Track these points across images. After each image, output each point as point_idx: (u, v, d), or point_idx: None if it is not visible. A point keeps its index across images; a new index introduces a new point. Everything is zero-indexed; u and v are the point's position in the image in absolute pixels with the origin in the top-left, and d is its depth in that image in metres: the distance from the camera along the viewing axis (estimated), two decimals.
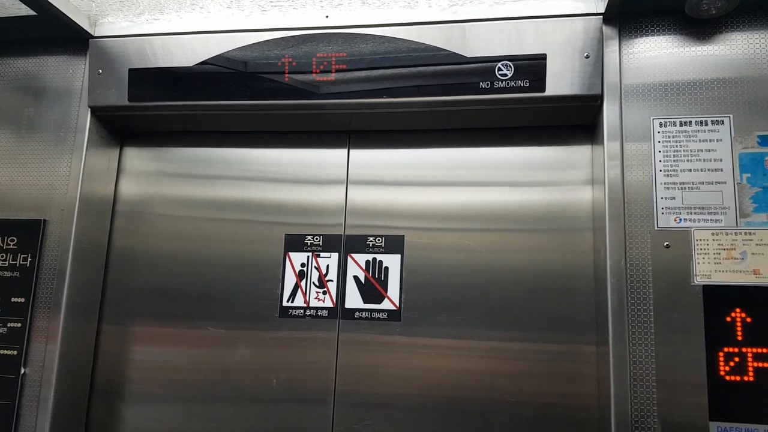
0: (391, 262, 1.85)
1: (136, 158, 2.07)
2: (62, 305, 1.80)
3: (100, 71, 1.90)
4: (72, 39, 1.94)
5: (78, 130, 1.91)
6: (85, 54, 1.94)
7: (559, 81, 1.64)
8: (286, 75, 1.78)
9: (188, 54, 1.84)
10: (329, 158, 1.96)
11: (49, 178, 1.91)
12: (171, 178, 2.03)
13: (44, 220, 1.87)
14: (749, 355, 1.46)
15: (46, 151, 1.93)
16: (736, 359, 1.46)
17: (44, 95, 1.96)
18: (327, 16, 1.80)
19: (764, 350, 1.45)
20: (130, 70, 1.87)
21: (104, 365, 1.93)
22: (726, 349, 1.47)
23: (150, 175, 2.04)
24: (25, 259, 1.85)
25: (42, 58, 1.99)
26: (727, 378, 1.46)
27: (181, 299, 1.93)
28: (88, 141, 1.90)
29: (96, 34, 1.92)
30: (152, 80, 1.86)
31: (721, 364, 1.46)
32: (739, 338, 1.47)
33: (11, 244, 1.87)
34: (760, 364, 1.45)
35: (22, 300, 1.83)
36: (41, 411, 1.75)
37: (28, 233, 1.86)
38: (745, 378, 1.45)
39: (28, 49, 2.00)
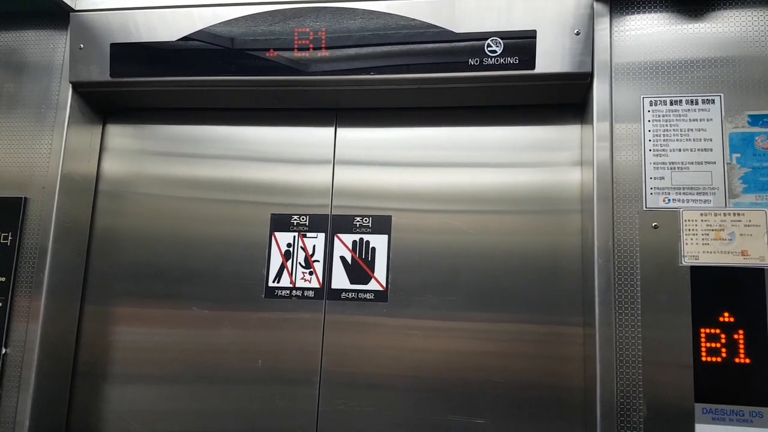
0: (379, 242, 1.83)
1: (119, 136, 2.03)
2: (44, 284, 1.78)
3: (82, 46, 1.86)
4: (52, 13, 1.89)
5: (59, 106, 1.88)
6: (66, 28, 1.89)
7: (549, 58, 1.61)
8: (271, 50, 1.74)
9: (171, 28, 1.80)
10: (316, 137, 1.93)
11: (30, 155, 1.87)
12: (155, 156, 2.00)
13: (25, 198, 1.84)
14: (736, 336, 1.45)
15: (26, 128, 1.89)
16: (723, 341, 1.45)
17: (24, 70, 1.92)
18: None
19: (751, 332, 1.44)
20: (112, 45, 1.83)
21: (87, 345, 1.91)
22: (713, 331, 1.46)
23: (133, 153, 2.01)
24: (5, 238, 1.82)
25: (22, 33, 1.95)
26: (714, 359, 1.45)
27: (165, 279, 1.91)
28: (69, 117, 1.87)
29: (77, 8, 1.87)
30: (135, 55, 1.82)
31: (708, 345, 1.46)
32: (727, 320, 1.46)
33: None
34: (747, 346, 1.44)
35: (3, 279, 1.80)
36: (22, 391, 1.73)
37: (9, 211, 1.83)
38: (732, 360, 1.44)
39: (7, 22, 1.95)
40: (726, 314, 1.46)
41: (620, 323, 1.51)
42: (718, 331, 1.46)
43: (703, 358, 1.45)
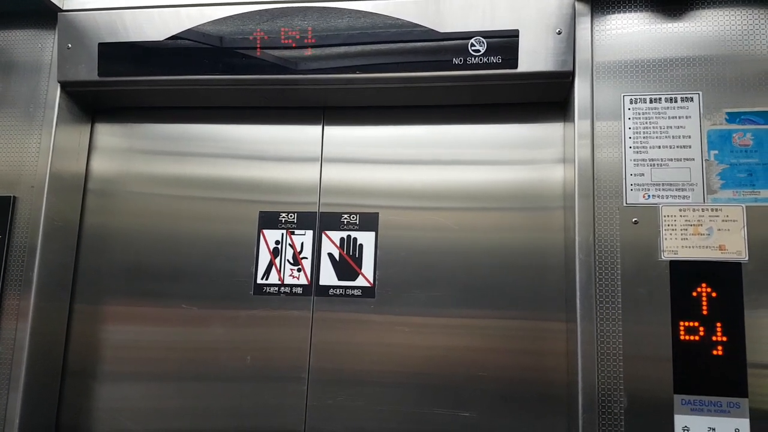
0: (366, 239, 1.85)
1: (108, 135, 2.04)
2: (33, 283, 1.78)
3: (70, 45, 1.86)
4: (40, 12, 1.90)
5: (47, 105, 1.88)
6: (54, 28, 1.90)
7: (532, 57, 1.64)
8: (259, 49, 1.75)
9: (159, 28, 1.81)
10: (304, 135, 1.94)
11: (19, 154, 1.87)
12: (143, 155, 2.01)
13: (14, 197, 1.84)
14: (714, 329, 1.48)
15: (15, 127, 1.89)
16: (701, 333, 1.48)
17: (12, 70, 1.92)
18: None
19: (729, 325, 1.47)
20: (100, 45, 1.84)
21: (76, 343, 1.92)
22: (691, 324, 1.49)
23: (122, 152, 2.02)
24: None
25: (9, 32, 1.95)
26: (692, 352, 1.48)
27: (154, 277, 1.92)
28: (57, 117, 1.87)
29: (65, 8, 1.88)
30: (122, 55, 1.83)
31: (687, 338, 1.49)
32: (705, 313, 1.49)
33: None
34: (725, 339, 1.47)
35: None
36: (12, 390, 1.74)
37: None
38: (710, 352, 1.47)
39: None
40: (704, 307, 1.49)
41: (601, 318, 1.53)
42: (696, 324, 1.49)
43: (682, 351, 1.48)
